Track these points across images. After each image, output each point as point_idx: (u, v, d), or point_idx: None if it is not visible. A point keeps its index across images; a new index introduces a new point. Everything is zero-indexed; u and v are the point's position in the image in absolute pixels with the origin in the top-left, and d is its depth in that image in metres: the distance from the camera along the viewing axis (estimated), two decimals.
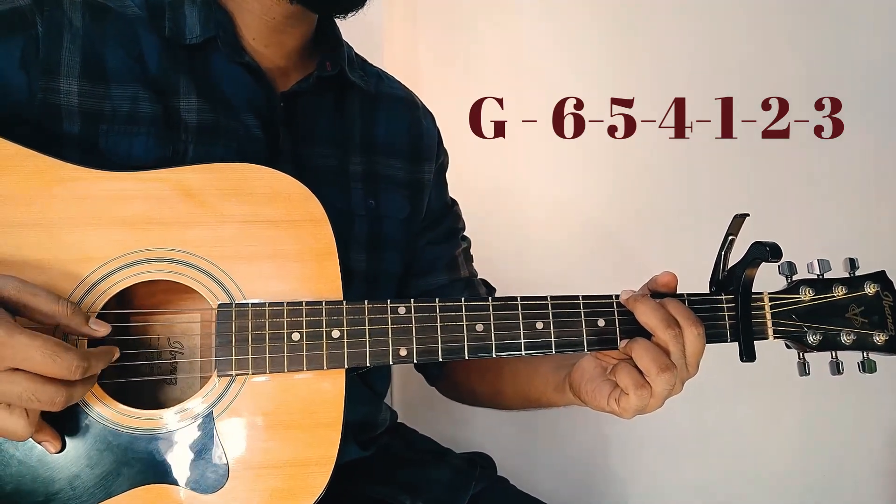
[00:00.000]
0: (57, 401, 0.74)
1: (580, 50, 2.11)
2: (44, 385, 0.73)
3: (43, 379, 0.73)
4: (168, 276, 0.87)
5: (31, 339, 0.71)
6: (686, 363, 0.91)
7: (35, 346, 0.71)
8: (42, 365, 0.72)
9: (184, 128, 0.99)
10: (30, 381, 0.72)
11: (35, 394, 0.72)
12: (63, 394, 0.74)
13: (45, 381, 0.73)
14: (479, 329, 0.91)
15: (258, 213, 0.89)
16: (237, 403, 0.86)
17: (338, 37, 1.15)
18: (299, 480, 0.86)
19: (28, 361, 0.71)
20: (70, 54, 0.95)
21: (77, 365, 0.73)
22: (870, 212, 2.14)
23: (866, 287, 0.98)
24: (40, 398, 0.73)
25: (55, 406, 0.74)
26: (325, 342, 0.87)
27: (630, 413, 0.93)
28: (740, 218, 0.95)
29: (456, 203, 1.35)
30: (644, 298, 0.93)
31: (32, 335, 0.72)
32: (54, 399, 0.73)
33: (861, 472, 2.17)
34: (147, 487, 0.83)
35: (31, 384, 0.72)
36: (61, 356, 0.72)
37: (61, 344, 0.73)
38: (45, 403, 0.73)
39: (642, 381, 0.90)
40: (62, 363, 0.72)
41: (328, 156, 1.11)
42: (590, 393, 0.98)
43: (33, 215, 0.84)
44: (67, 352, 0.73)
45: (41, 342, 0.72)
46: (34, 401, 0.73)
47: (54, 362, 0.72)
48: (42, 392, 0.73)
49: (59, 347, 0.73)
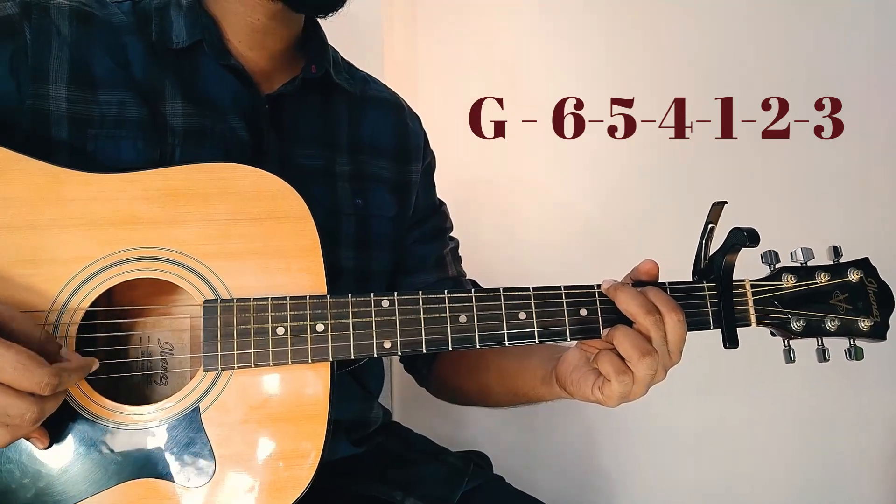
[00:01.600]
0: (27, 417, 0.73)
1: (580, 50, 2.12)
2: (15, 399, 0.72)
3: (15, 394, 0.72)
4: (155, 274, 0.88)
5: (6, 350, 0.71)
6: (668, 350, 0.92)
7: (7, 358, 0.71)
8: (12, 377, 0.71)
9: (171, 131, 1.01)
10: (1, 395, 0.72)
11: (5, 407, 0.72)
12: (34, 410, 0.73)
13: (16, 396, 0.72)
14: (463, 320, 0.91)
15: (243, 211, 0.90)
16: (223, 398, 0.87)
17: (322, 40, 1.16)
18: (286, 473, 0.87)
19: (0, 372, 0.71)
20: (58, 61, 0.97)
21: (47, 382, 0.72)
22: (870, 212, 2.13)
23: (850, 274, 0.98)
24: (10, 412, 0.72)
25: (24, 422, 0.73)
26: (309, 336, 0.88)
27: (614, 401, 0.93)
28: (719, 205, 0.96)
29: (444, 204, 1.36)
30: (624, 287, 0.93)
31: (7, 345, 0.72)
32: (24, 415, 0.73)
33: (859, 469, 2.16)
34: (135, 482, 0.84)
35: (2, 397, 0.71)
36: (32, 371, 0.72)
37: (34, 358, 0.73)
38: (14, 418, 0.73)
39: (624, 367, 0.90)
40: (32, 378, 0.72)
41: (314, 156, 1.12)
42: (574, 383, 0.98)
43: (23, 217, 0.86)
44: (39, 367, 0.72)
45: (13, 354, 0.71)
46: (4, 415, 0.72)
47: (23, 376, 0.71)
48: (13, 406, 0.72)
49: (31, 361, 0.72)
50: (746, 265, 0.98)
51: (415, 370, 1.35)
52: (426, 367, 1.32)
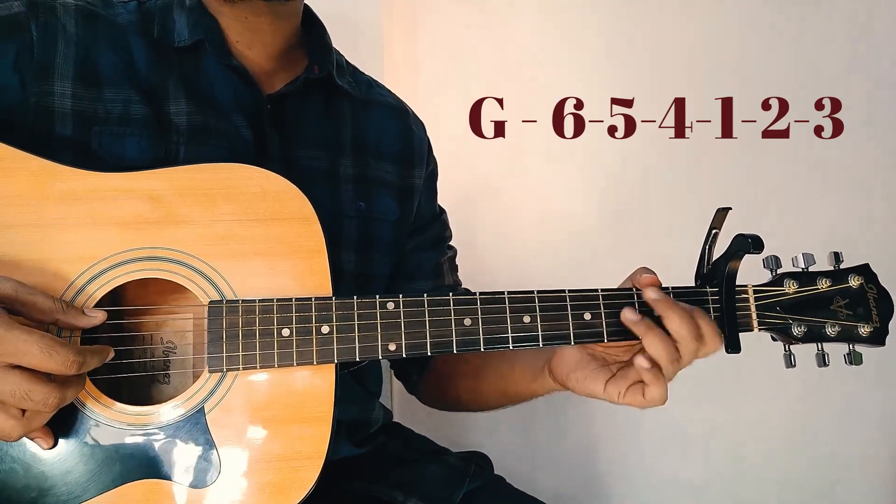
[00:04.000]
0: (50, 401, 0.75)
1: (580, 50, 2.12)
2: (38, 384, 0.74)
3: (37, 378, 0.74)
4: (160, 274, 0.88)
5: (28, 335, 0.73)
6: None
7: (31, 342, 0.73)
8: (38, 359, 0.73)
9: (174, 129, 1.01)
10: (24, 380, 0.73)
11: (29, 392, 0.73)
12: (56, 395, 0.75)
13: (39, 381, 0.74)
14: (468, 323, 0.92)
15: (248, 212, 0.91)
16: (228, 399, 0.87)
17: (326, 42, 1.16)
18: (290, 474, 0.87)
19: (25, 356, 0.73)
20: (64, 59, 0.97)
21: (73, 360, 0.74)
22: (870, 212, 2.14)
23: (850, 280, 0.99)
24: (33, 397, 0.74)
25: (47, 406, 0.75)
26: (314, 338, 0.88)
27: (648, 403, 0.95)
28: (723, 211, 0.96)
29: (444, 212, 1.36)
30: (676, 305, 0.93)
31: (29, 331, 0.73)
32: (47, 399, 0.74)
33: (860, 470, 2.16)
34: (139, 482, 0.84)
35: (25, 383, 0.73)
36: (57, 351, 0.73)
37: (57, 340, 0.74)
38: (38, 403, 0.74)
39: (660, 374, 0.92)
40: (58, 358, 0.73)
41: (317, 157, 1.12)
42: (580, 381, 0.99)
43: (27, 216, 0.86)
44: (63, 347, 0.74)
45: (38, 337, 0.73)
46: (27, 399, 0.73)
47: (50, 356, 0.73)
48: (36, 391, 0.74)
49: (55, 343, 0.74)
50: (747, 269, 0.99)
51: (404, 376, 1.35)
52: (417, 372, 1.33)
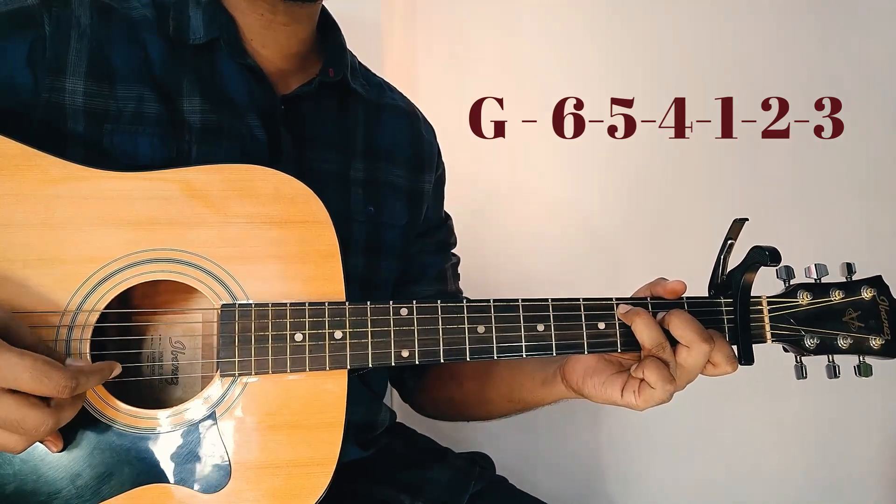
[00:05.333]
0: (42, 428, 0.73)
1: (580, 50, 2.11)
2: (31, 410, 0.72)
3: (31, 404, 0.72)
4: (171, 276, 0.87)
5: (20, 359, 0.71)
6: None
7: (24, 366, 0.71)
8: (31, 385, 0.71)
9: (187, 128, 1.00)
10: (18, 406, 0.71)
11: (22, 419, 0.72)
12: (49, 421, 0.73)
13: (32, 406, 0.72)
14: (481, 331, 0.91)
15: (262, 214, 0.90)
16: (239, 404, 0.87)
17: (341, 44, 1.15)
18: (301, 480, 0.87)
19: (17, 381, 0.71)
20: (77, 54, 0.96)
21: (65, 385, 0.72)
22: (870, 212, 2.14)
23: (863, 292, 0.99)
24: (26, 424, 0.72)
25: (39, 434, 0.74)
26: (327, 343, 0.88)
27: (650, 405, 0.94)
28: (739, 222, 0.96)
29: (450, 218, 1.36)
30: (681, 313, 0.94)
31: (22, 354, 0.71)
32: (39, 426, 0.73)
33: (861, 473, 2.17)
34: (148, 487, 0.84)
35: (19, 409, 0.71)
36: (49, 375, 0.71)
37: (50, 363, 0.72)
38: (31, 429, 0.73)
39: (670, 377, 0.91)
40: (49, 383, 0.71)
41: (329, 160, 1.11)
42: (597, 386, 0.98)
43: (38, 215, 0.85)
44: (56, 371, 0.72)
45: (30, 361, 0.71)
46: (20, 426, 0.72)
47: (41, 382, 0.71)
48: (29, 417, 0.72)
49: (48, 366, 0.72)
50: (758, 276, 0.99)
51: (401, 383, 1.34)
52: (414, 379, 1.32)
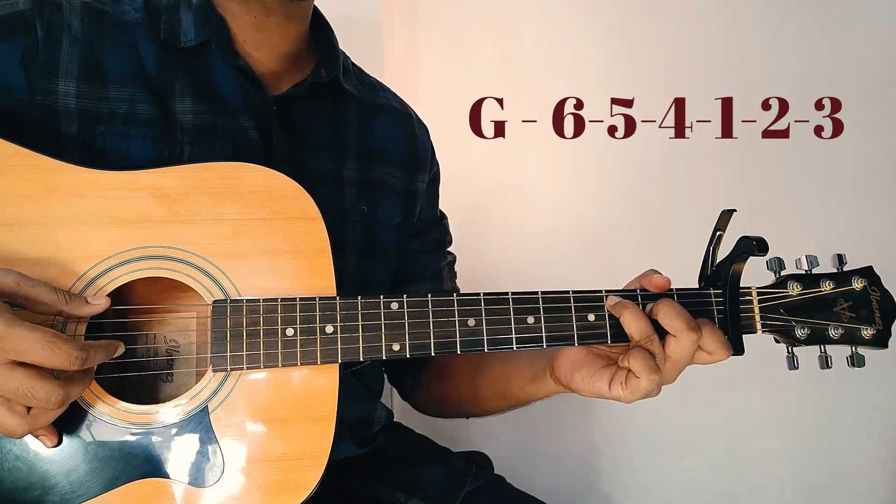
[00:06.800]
0: (53, 399, 0.74)
1: (580, 50, 2.12)
2: (41, 381, 0.73)
3: (41, 375, 0.73)
4: (164, 273, 0.88)
5: (31, 331, 0.72)
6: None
7: (34, 338, 0.72)
8: (41, 356, 0.72)
9: (180, 129, 1.00)
10: (28, 377, 0.73)
11: (32, 390, 0.73)
12: (59, 392, 0.74)
13: (42, 378, 0.73)
14: (471, 324, 0.92)
15: (253, 211, 0.91)
16: (232, 398, 0.87)
17: (333, 44, 1.16)
18: (294, 474, 0.87)
19: (27, 353, 0.72)
20: (69, 57, 0.97)
21: (76, 356, 0.74)
22: (870, 211, 2.15)
23: (854, 282, 0.99)
24: (37, 395, 0.73)
25: (51, 404, 0.74)
26: (318, 337, 0.88)
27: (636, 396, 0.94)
28: (727, 213, 0.96)
29: (445, 217, 1.36)
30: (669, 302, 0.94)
31: (32, 327, 0.73)
32: (50, 397, 0.74)
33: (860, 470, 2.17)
34: (143, 481, 0.84)
35: (28, 380, 0.73)
36: (60, 347, 0.73)
37: (60, 335, 0.74)
38: (41, 401, 0.74)
39: (655, 366, 0.91)
40: (61, 354, 0.73)
41: (323, 160, 1.12)
42: (585, 379, 0.98)
43: (32, 214, 0.85)
44: (66, 343, 0.74)
45: (40, 333, 0.72)
46: (30, 397, 0.73)
47: (53, 353, 0.72)
48: (39, 389, 0.73)
49: (58, 339, 0.73)
50: (750, 269, 0.99)
51: (399, 381, 1.34)
52: (410, 377, 1.32)
